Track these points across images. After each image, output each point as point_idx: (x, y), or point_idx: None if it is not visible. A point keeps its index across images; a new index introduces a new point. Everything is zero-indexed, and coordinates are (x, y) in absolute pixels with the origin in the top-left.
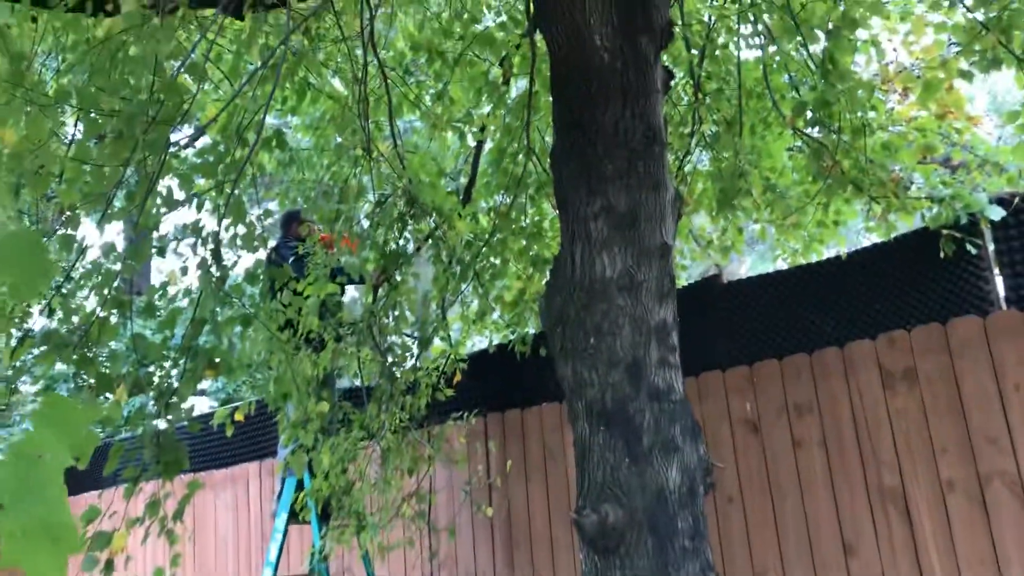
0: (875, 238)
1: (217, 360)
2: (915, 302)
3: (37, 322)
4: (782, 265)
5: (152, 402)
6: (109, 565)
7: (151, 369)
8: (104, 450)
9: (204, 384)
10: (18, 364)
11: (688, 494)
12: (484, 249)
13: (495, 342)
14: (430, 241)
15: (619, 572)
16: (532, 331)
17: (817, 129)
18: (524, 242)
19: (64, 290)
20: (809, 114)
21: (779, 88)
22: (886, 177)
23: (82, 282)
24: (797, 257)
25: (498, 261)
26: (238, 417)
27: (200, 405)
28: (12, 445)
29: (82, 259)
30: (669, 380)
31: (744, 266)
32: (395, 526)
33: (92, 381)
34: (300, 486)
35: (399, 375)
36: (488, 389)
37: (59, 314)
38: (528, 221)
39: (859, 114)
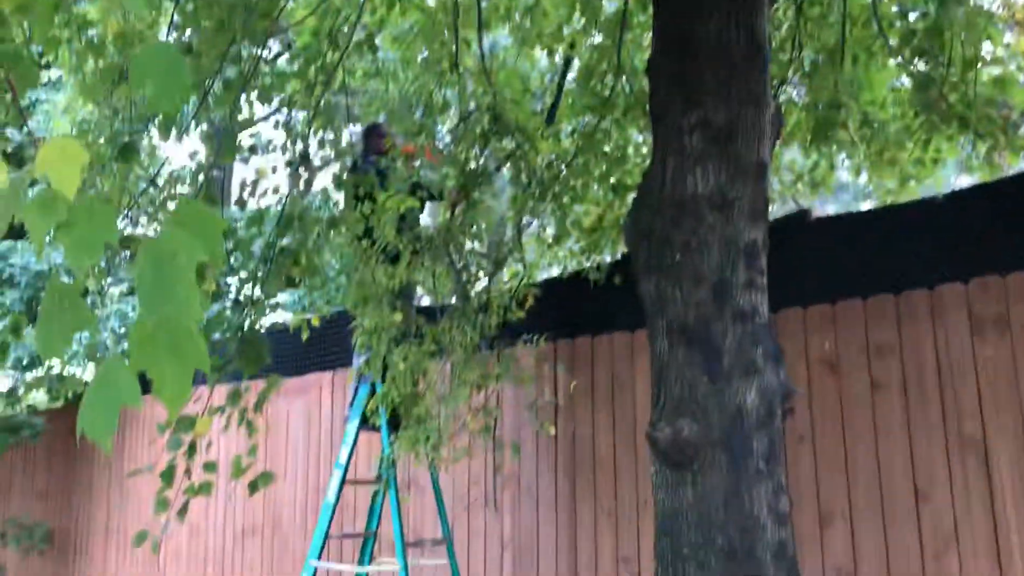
0: (973, 179)
1: (302, 260)
2: (1013, 247)
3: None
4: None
5: (233, 304)
6: (192, 448)
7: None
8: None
9: (281, 298)
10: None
11: (766, 416)
12: (565, 172)
13: (569, 268)
14: (511, 161)
15: (690, 488)
16: (608, 258)
17: (924, 60)
18: (606, 166)
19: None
20: (917, 44)
21: (886, 16)
22: (995, 114)
23: (173, 177)
24: (890, 197)
25: (579, 185)
26: (314, 322)
27: (278, 317)
28: (149, 243)
29: (168, 164)
30: (755, 302)
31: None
32: (461, 438)
33: None
34: (372, 393)
35: (472, 294)
36: (559, 315)
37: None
38: (612, 145)
39: (972, 46)
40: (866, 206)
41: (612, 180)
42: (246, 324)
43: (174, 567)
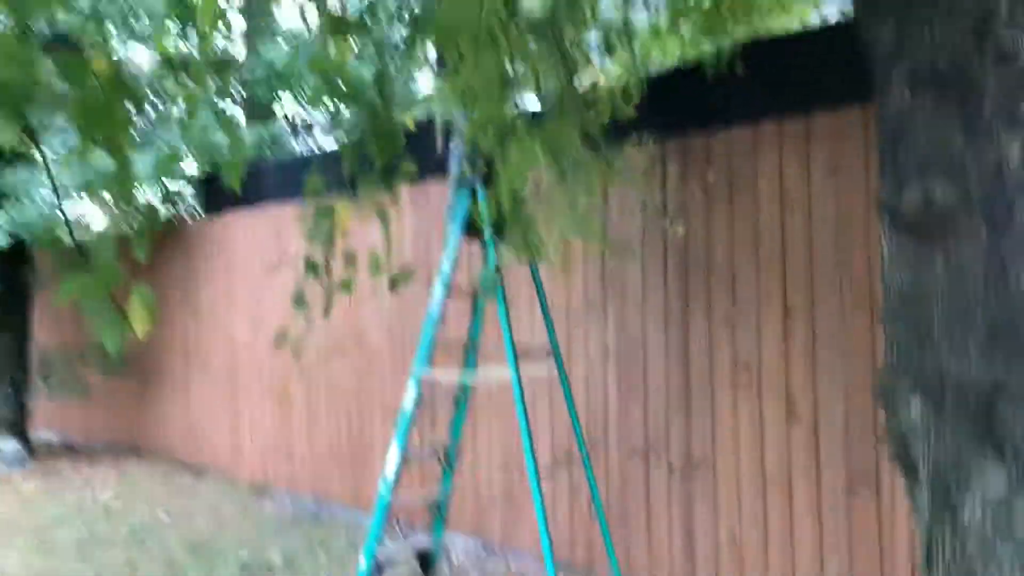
0: None
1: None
2: None
3: None
4: None
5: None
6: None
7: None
8: (302, 166)
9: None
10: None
11: None
12: None
13: (684, 58)
14: None
15: (940, 261)
16: (729, 45)
17: None
18: None
19: None
20: None
21: None
22: None
23: None
24: None
25: None
26: (409, 124)
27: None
28: None
29: None
30: (1020, 42)
31: None
32: (566, 244)
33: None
34: (472, 199)
35: (578, 87)
36: (672, 111)
37: None
38: None
39: None
40: None
41: None
42: (383, 93)
43: (257, 385)
